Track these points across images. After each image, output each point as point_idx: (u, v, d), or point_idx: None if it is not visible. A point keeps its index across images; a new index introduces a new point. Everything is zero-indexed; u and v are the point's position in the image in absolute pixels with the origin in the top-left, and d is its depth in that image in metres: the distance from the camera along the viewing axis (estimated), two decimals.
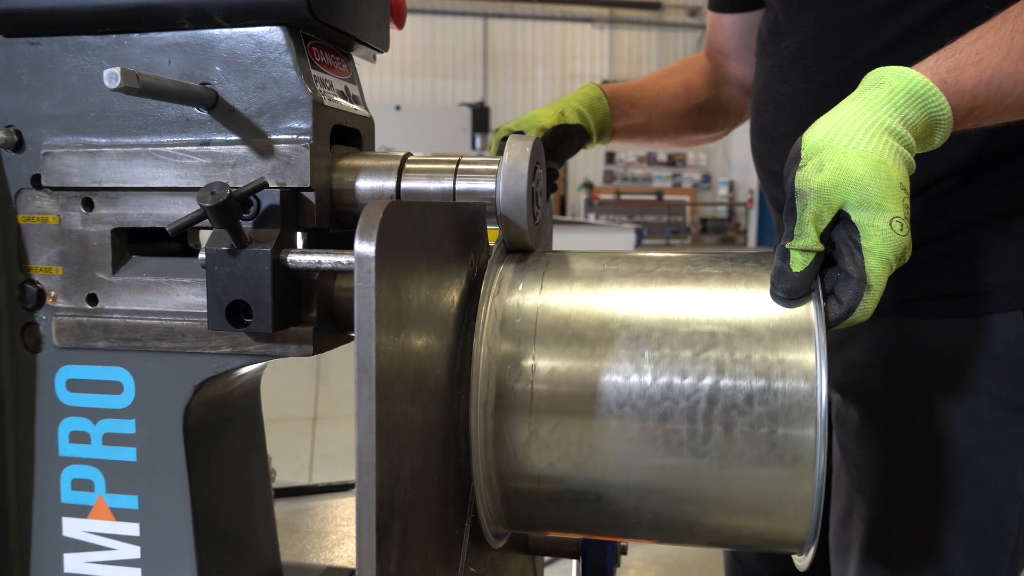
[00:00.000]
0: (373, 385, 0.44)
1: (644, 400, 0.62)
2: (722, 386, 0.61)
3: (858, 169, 0.64)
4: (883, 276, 0.65)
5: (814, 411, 0.60)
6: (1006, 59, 0.70)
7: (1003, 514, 0.89)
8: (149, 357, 0.71)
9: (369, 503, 0.45)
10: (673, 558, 2.70)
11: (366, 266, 0.44)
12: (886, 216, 0.64)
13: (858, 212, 0.64)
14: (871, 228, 0.64)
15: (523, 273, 0.70)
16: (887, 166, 0.65)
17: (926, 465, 0.92)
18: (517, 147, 0.70)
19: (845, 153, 0.65)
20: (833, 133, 0.66)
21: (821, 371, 0.61)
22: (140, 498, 0.72)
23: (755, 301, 0.65)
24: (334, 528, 1.10)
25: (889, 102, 0.68)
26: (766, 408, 0.61)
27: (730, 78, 1.27)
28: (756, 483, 0.62)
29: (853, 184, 0.64)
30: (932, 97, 0.68)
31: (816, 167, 0.65)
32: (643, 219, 15.87)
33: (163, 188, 0.70)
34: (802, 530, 0.63)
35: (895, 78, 0.69)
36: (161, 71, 0.69)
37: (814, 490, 0.61)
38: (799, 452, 0.61)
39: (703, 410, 0.62)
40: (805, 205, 0.65)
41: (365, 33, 0.77)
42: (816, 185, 0.65)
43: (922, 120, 0.68)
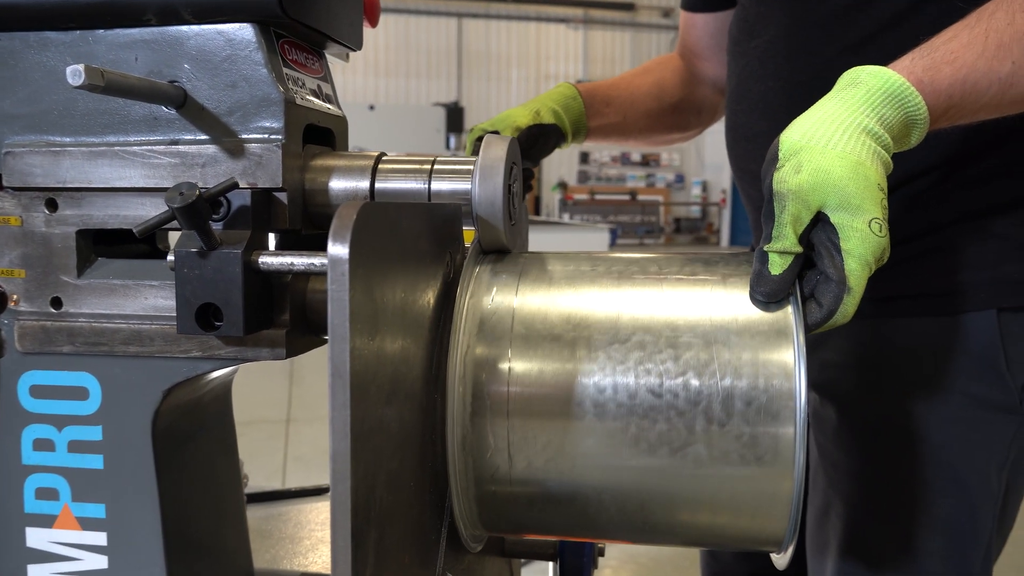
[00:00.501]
0: (348, 390, 0.43)
1: (621, 401, 0.62)
2: (700, 387, 0.61)
3: (836, 170, 0.64)
4: (863, 278, 0.64)
5: (793, 410, 0.60)
6: (980, 58, 0.70)
7: (977, 511, 0.90)
8: (116, 362, 0.69)
9: (344, 511, 0.44)
10: (648, 557, 2.71)
11: (339, 268, 0.43)
12: (865, 217, 0.64)
13: (837, 213, 0.64)
14: (850, 229, 0.64)
15: (499, 275, 0.69)
16: (865, 167, 0.64)
17: (902, 463, 0.92)
18: (493, 147, 0.69)
19: (823, 154, 0.64)
20: (811, 134, 0.66)
21: (800, 371, 0.61)
22: (107, 507, 0.70)
23: (734, 302, 0.64)
24: (308, 533, 1.09)
25: (866, 102, 0.67)
26: (745, 408, 0.61)
27: (703, 77, 1.27)
28: (735, 482, 0.62)
29: (832, 185, 0.64)
30: (909, 97, 0.68)
31: (794, 168, 0.65)
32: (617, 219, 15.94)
33: (130, 188, 0.68)
34: (781, 528, 0.63)
35: (872, 78, 0.69)
36: (127, 68, 0.67)
37: (793, 489, 0.61)
38: (778, 451, 0.60)
39: (681, 410, 0.61)
40: (784, 207, 0.65)
41: (338, 31, 0.76)
42: (794, 186, 0.64)
43: (899, 120, 0.68)
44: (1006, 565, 1.07)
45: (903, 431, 0.92)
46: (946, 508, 0.90)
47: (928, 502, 0.91)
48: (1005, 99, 0.72)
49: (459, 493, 0.65)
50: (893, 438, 0.93)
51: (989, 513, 0.91)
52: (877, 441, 0.94)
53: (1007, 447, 0.90)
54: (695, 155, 16.73)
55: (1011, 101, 0.73)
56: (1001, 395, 0.89)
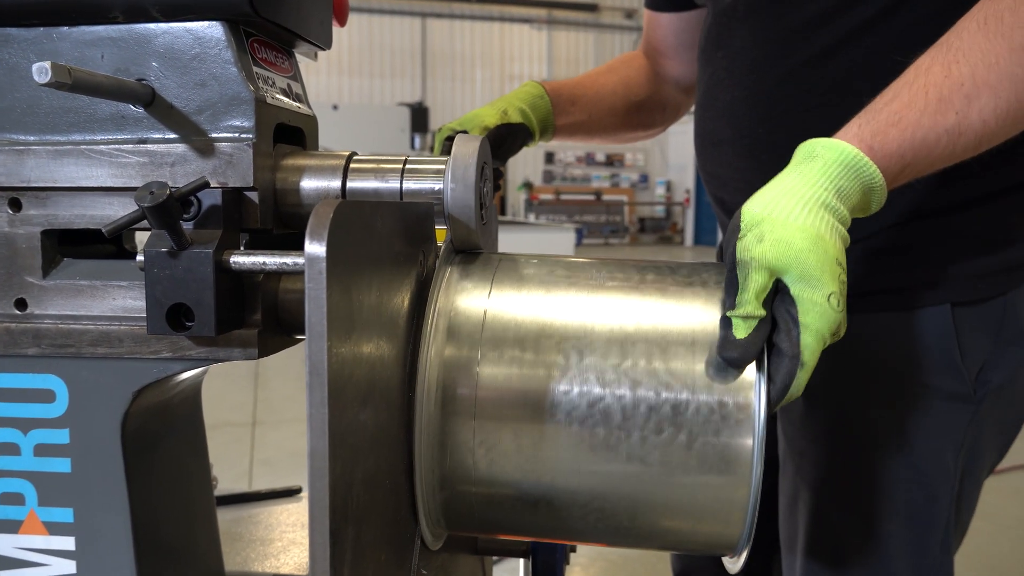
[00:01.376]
0: (325, 389, 0.44)
1: (586, 407, 0.63)
2: (663, 396, 0.62)
3: (797, 242, 0.65)
4: (816, 352, 0.65)
5: (752, 421, 0.62)
6: (924, 114, 0.71)
7: (935, 495, 0.94)
8: (84, 364, 0.68)
9: (323, 508, 0.44)
10: (617, 554, 2.73)
11: (317, 267, 0.43)
12: (824, 291, 0.65)
13: (797, 285, 0.65)
14: (809, 303, 0.65)
15: (471, 276, 0.69)
16: (825, 241, 0.66)
17: (863, 451, 0.95)
18: (465, 146, 0.69)
19: (784, 226, 0.66)
20: (771, 206, 0.67)
21: (760, 385, 0.62)
22: (75, 511, 0.69)
23: (701, 313, 0.66)
24: (279, 535, 1.08)
25: (824, 175, 0.68)
26: (706, 418, 0.62)
27: (667, 76, 1.29)
28: (693, 489, 0.63)
29: (793, 256, 0.65)
30: (864, 167, 0.70)
31: (756, 238, 0.66)
32: (583, 219, 16.01)
33: (97, 188, 0.67)
34: (736, 534, 0.65)
35: (827, 151, 0.70)
36: (94, 66, 0.66)
37: (749, 497, 0.62)
38: (736, 461, 0.62)
39: (643, 418, 0.62)
40: (747, 275, 0.65)
41: (307, 30, 0.75)
42: (757, 255, 0.65)
43: (856, 189, 0.70)
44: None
45: (865, 421, 0.95)
46: (905, 494, 0.93)
47: (888, 488, 0.94)
48: (957, 148, 0.74)
49: (423, 491, 0.65)
50: (856, 427, 0.96)
51: (946, 497, 0.94)
52: (840, 430, 0.97)
53: (962, 434, 0.94)
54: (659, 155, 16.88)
55: (963, 149, 0.74)
56: (956, 385, 0.92)
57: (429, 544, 0.69)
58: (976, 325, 0.93)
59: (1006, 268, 0.92)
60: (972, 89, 0.71)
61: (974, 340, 0.93)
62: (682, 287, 0.68)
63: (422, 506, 0.65)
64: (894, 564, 0.94)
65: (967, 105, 0.71)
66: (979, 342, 0.93)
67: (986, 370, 0.93)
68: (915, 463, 0.93)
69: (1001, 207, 0.92)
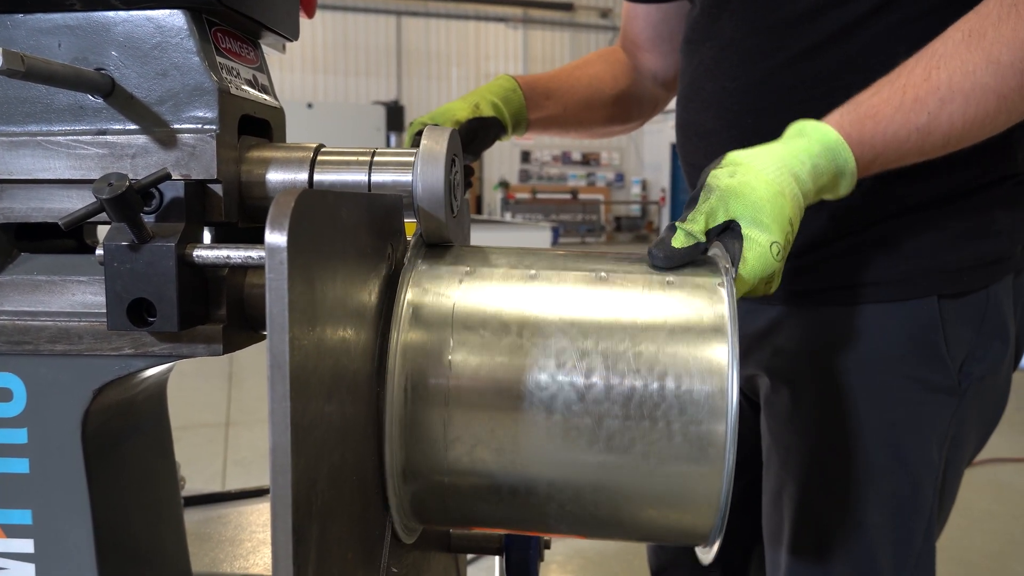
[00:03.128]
0: (287, 381, 0.42)
1: (560, 396, 0.62)
2: (636, 384, 0.62)
3: (760, 190, 0.72)
4: (745, 287, 0.71)
5: (725, 408, 0.62)
6: (898, 111, 0.77)
7: (920, 486, 0.95)
8: (42, 361, 0.66)
9: (285, 506, 0.43)
10: (595, 551, 2.73)
11: (278, 257, 0.42)
12: (769, 238, 0.71)
13: (747, 226, 0.71)
14: (754, 242, 0.71)
15: (441, 267, 0.68)
16: (784, 198, 0.72)
17: (849, 443, 0.96)
18: (433, 138, 0.68)
19: (756, 174, 0.72)
20: (752, 157, 0.74)
21: (732, 371, 0.62)
22: (34, 512, 0.67)
23: (672, 302, 0.65)
24: (248, 535, 1.06)
25: (805, 151, 0.75)
26: (679, 405, 0.62)
27: (644, 69, 1.29)
28: (668, 478, 0.63)
29: (751, 200, 0.71)
30: (840, 150, 0.76)
31: (729, 173, 0.73)
32: (559, 218, 16.03)
33: (55, 180, 0.65)
34: (709, 524, 0.64)
35: (815, 132, 0.77)
36: (50, 55, 0.64)
37: (722, 486, 0.62)
38: (710, 448, 0.62)
39: (618, 406, 0.62)
40: (707, 198, 0.72)
41: (273, 20, 0.74)
42: (723, 186, 0.72)
43: (830, 170, 0.76)
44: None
45: (851, 412, 0.96)
46: (891, 484, 0.94)
47: (874, 479, 0.95)
48: (926, 146, 0.79)
49: (394, 483, 0.64)
50: (842, 420, 0.96)
51: (930, 488, 0.95)
52: (827, 423, 0.97)
53: (947, 425, 0.95)
54: (635, 154, 16.95)
55: (932, 147, 0.80)
56: (941, 377, 0.94)
57: (402, 538, 0.68)
58: (960, 318, 0.94)
59: (988, 261, 0.94)
60: (947, 93, 0.77)
61: (958, 333, 0.94)
62: (652, 276, 0.68)
63: (393, 498, 0.64)
64: (879, 554, 0.95)
65: (939, 108, 0.77)
66: (963, 335, 0.94)
67: (969, 362, 0.94)
68: (901, 455, 0.94)
69: (983, 200, 0.94)
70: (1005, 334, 0.97)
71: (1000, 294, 0.95)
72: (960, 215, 0.94)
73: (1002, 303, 0.96)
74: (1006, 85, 0.77)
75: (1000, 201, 0.95)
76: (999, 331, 0.96)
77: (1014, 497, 3.33)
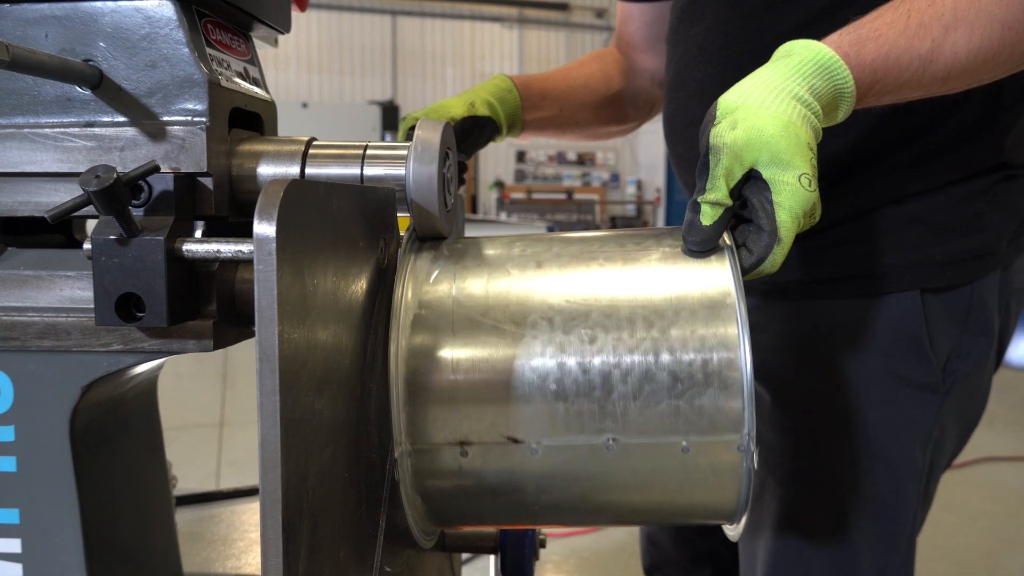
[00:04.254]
0: (276, 375, 0.41)
1: (563, 383, 0.61)
2: (643, 364, 0.61)
3: (769, 128, 0.66)
4: (792, 230, 0.67)
5: (740, 380, 0.60)
6: (902, 35, 0.73)
7: (903, 487, 0.93)
8: (30, 357, 0.65)
9: (275, 502, 0.42)
10: (590, 551, 2.73)
11: (266, 248, 0.41)
12: (795, 172, 0.66)
13: (768, 169, 0.67)
14: (781, 184, 0.66)
15: (437, 260, 0.67)
16: (796, 126, 0.67)
17: (832, 443, 0.94)
18: (427, 132, 0.67)
19: (757, 113, 0.67)
20: (746, 96, 0.69)
21: (743, 341, 0.61)
22: (21, 511, 0.66)
23: (672, 278, 0.64)
24: (241, 535, 1.05)
25: (798, 71, 0.70)
26: (690, 382, 0.61)
27: (640, 69, 1.28)
28: (687, 457, 0.61)
29: (764, 142, 0.66)
30: (837, 69, 0.71)
31: (730, 125, 0.67)
32: (554, 217, 16.01)
33: (42, 174, 0.64)
34: (732, 501, 0.63)
35: (804, 50, 0.72)
36: (37, 45, 0.63)
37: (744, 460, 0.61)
38: (727, 423, 0.60)
39: (625, 389, 0.61)
40: (718, 160, 0.67)
41: (264, 12, 0.73)
42: (730, 141, 0.67)
43: (828, 91, 0.71)
44: None
45: (833, 411, 0.94)
46: (874, 485, 0.93)
47: (857, 480, 0.93)
48: (926, 76, 0.75)
49: (408, 489, 0.63)
50: (824, 418, 0.95)
51: (914, 489, 0.94)
52: (809, 421, 0.96)
53: (931, 425, 0.93)
54: (629, 154, 16.95)
55: (931, 79, 0.76)
56: (925, 374, 0.92)
57: (423, 544, 0.67)
58: (944, 313, 0.92)
59: (974, 256, 0.92)
60: (951, 20, 0.74)
61: (942, 329, 0.92)
62: (649, 254, 0.67)
63: (407, 503, 0.63)
64: (862, 558, 0.93)
65: (944, 35, 0.74)
66: (947, 331, 0.92)
67: (954, 359, 0.93)
68: (884, 456, 0.93)
69: (969, 193, 0.92)
70: (990, 331, 0.95)
71: (985, 290, 0.94)
72: (945, 209, 0.92)
73: (987, 299, 0.94)
74: (1012, 15, 0.74)
75: (987, 195, 0.93)
76: (984, 328, 0.94)
77: (1009, 496, 3.33)
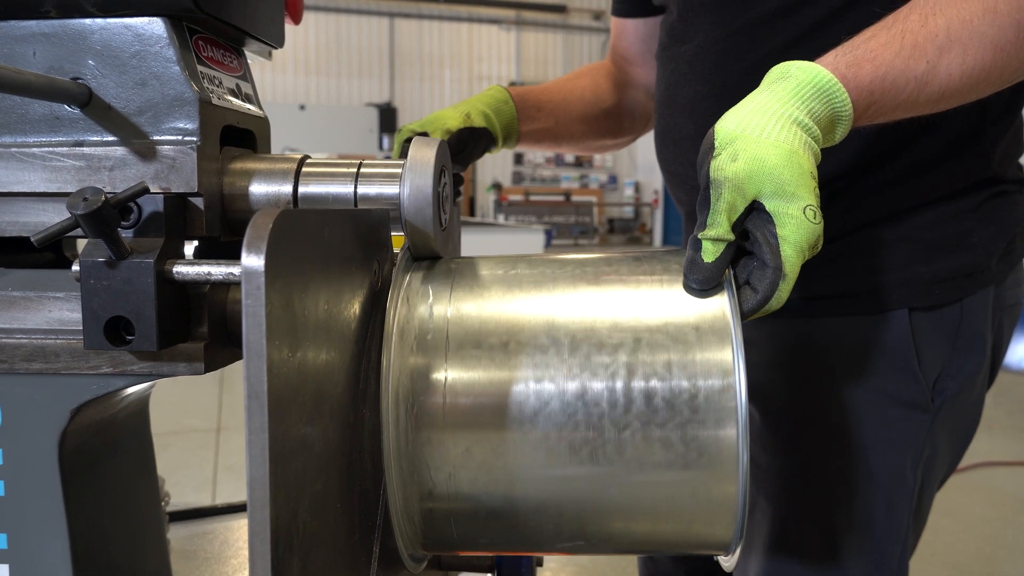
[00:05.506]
0: (265, 412, 0.40)
1: (560, 409, 0.60)
2: (639, 389, 0.60)
3: (771, 159, 0.64)
4: (797, 264, 0.65)
5: (734, 409, 0.59)
6: (898, 56, 0.72)
7: (894, 507, 0.92)
8: (17, 380, 0.64)
9: (264, 540, 0.41)
10: (589, 560, 2.72)
11: (255, 282, 0.40)
12: (800, 204, 0.64)
13: (772, 201, 0.64)
14: (786, 216, 0.64)
15: (431, 281, 0.66)
16: (799, 155, 0.65)
17: (822, 462, 0.94)
18: (422, 150, 0.66)
19: (758, 143, 0.65)
20: (745, 123, 0.66)
21: (739, 368, 0.59)
22: (9, 536, 0.65)
23: (668, 300, 0.63)
24: (235, 552, 1.04)
25: (796, 95, 0.68)
26: (685, 410, 0.59)
27: (635, 82, 1.27)
28: (679, 487, 0.60)
29: (767, 173, 0.64)
30: (836, 92, 0.69)
31: (730, 156, 0.65)
32: (552, 220, 16.01)
33: (30, 193, 0.63)
34: (727, 531, 0.62)
35: (801, 72, 0.69)
36: (25, 64, 0.62)
37: (738, 490, 0.60)
38: (720, 453, 0.59)
39: (620, 416, 0.60)
40: (719, 195, 0.64)
41: (257, 27, 0.72)
42: (731, 174, 0.64)
43: (826, 114, 0.69)
44: None
45: (823, 430, 0.93)
46: (864, 504, 0.92)
47: (847, 500, 0.92)
48: (921, 97, 0.74)
49: (398, 513, 0.62)
50: (814, 437, 0.94)
51: (905, 510, 0.93)
52: (799, 440, 0.95)
53: (921, 444, 0.93)
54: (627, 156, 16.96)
55: (926, 100, 0.75)
56: (914, 393, 0.91)
57: (412, 569, 0.66)
58: (933, 332, 0.92)
59: (963, 274, 0.92)
60: (945, 42, 0.73)
61: (932, 347, 0.92)
62: (646, 277, 0.66)
63: (398, 528, 0.62)
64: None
65: (938, 56, 0.73)
66: (937, 349, 0.92)
67: (943, 378, 0.92)
68: (874, 474, 0.92)
69: (958, 211, 0.92)
70: (981, 348, 0.94)
71: (976, 307, 0.93)
72: (934, 227, 0.92)
73: (977, 317, 0.93)
74: (1003, 36, 0.73)
75: (976, 212, 0.92)
76: (975, 345, 0.94)
77: (1007, 501, 3.32)
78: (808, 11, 0.90)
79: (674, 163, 1.05)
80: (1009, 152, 0.95)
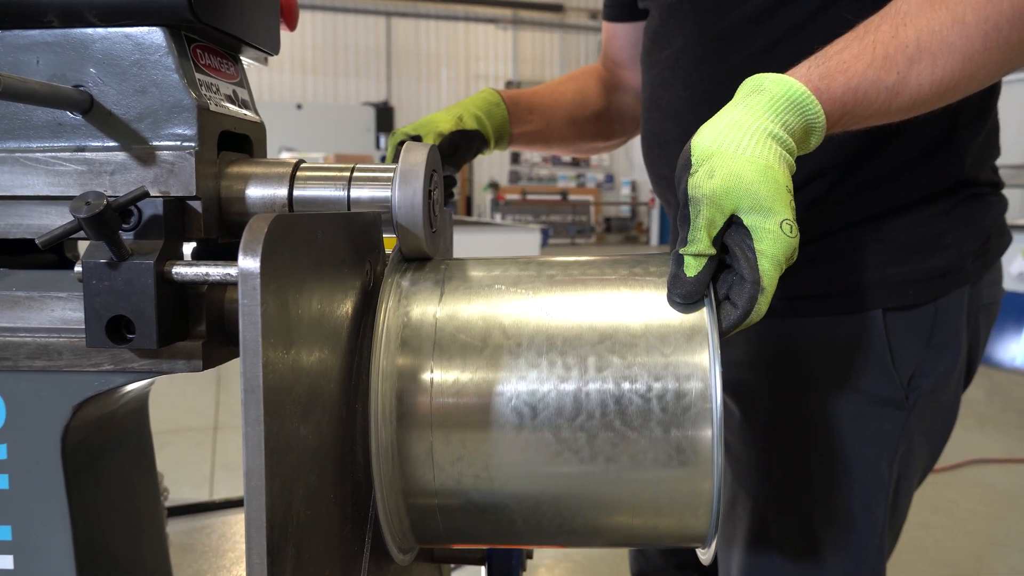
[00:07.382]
0: (261, 406, 0.43)
1: (543, 409, 0.62)
2: (619, 392, 0.62)
3: (748, 174, 0.65)
4: (775, 277, 0.67)
5: (710, 411, 0.62)
6: (869, 68, 0.73)
7: (870, 502, 0.95)
8: (22, 377, 0.66)
9: (259, 527, 0.43)
10: (582, 554, 2.74)
11: (251, 283, 0.42)
12: (776, 219, 0.66)
13: (750, 216, 0.66)
14: (763, 231, 0.66)
15: (421, 282, 0.69)
16: (774, 170, 0.66)
17: (801, 458, 0.96)
18: (413, 154, 0.69)
19: (734, 159, 0.66)
20: (720, 139, 0.67)
21: (715, 372, 0.62)
22: (14, 529, 0.67)
23: (651, 305, 0.66)
24: (232, 545, 1.06)
25: (770, 108, 0.69)
26: (663, 411, 0.62)
27: (626, 86, 1.29)
28: (658, 484, 0.63)
29: (744, 189, 0.65)
30: (809, 104, 0.71)
31: (707, 173, 0.66)
32: (549, 219, 16.03)
33: (33, 197, 0.65)
34: (704, 526, 0.65)
35: (775, 85, 0.71)
36: (28, 72, 0.64)
37: (713, 487, 0.62)
38: (697, 452, 0.62)
39: (601, 416, 0.62)
40: (698, 211, 0.66)
41: (253, 35, 0.74)
42: (708, 191, 0.66)
43: (800, 126, 0.71)
44: None
45: (801, 426, 0.96)
46: (841, 500, 0.94)
47: (825, 495, 0.95)
48: (892, 107, 0.76)
49: (385, 507, 0.64)
50: (793, 433, 0.96)
51: (881, 504, 0.95)
52: (778, 436, 0.97)
53: (896, 440, 0.95)
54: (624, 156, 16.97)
55: (897, 109, 0.76)
56: (889, 391, 0.94)
57: (398, 561, 0.68)
58: (907, 331, 0.94)
59: (936, 274, 0.94)
60: (915, 52, 0.74)
61: (906, 346, 0.94)
62: (629, 279, 0.68)
63: (386, 522, 0.65)
64: (831, 570, 0.95)
65: (908, 67, 0.74)
66: (911, 348, 0.94)
67: (917, 376, 0.94)
68: (851, 470, 0.94)
69: (932, 213, 0.94)
70: (956, 347, 0.96)
71: (951, 307, 0.95)
72: (908, 228, 0.94)
73: (952, 316, 0.95)
74: (971, 46, 0.74)
75: (949, 214, 0.94)
76: (948, 344, 0.96)
77: (998, 498, 3.35)
78: (784, 15, 0.92)
79: (661, 166, 1.07)
80: (982, 155, 0.97)
